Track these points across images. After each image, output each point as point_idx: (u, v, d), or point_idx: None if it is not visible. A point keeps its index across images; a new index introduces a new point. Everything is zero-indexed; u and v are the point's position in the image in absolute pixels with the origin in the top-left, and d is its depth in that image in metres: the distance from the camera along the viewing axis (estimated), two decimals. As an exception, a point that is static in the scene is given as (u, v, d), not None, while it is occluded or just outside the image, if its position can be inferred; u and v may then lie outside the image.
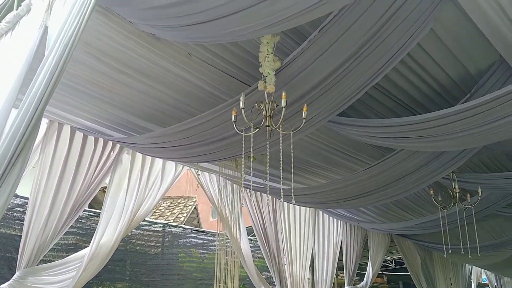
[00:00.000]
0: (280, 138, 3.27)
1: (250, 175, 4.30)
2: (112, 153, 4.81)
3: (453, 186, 5.63)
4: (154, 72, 3.75)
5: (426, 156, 4.92)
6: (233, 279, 5.23)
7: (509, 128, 4.00)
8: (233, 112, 3.26)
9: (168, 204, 12.91)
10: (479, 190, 5.53)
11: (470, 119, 3.82)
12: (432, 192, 5.72)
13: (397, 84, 4.31)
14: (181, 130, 4.04)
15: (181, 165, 5.37)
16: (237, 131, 3.27)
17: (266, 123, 3.25)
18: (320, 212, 7.74)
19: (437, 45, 3.84)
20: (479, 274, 12.70)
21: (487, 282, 13.39)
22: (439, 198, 5.72)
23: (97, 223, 4.73)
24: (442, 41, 3.80)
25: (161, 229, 8.22)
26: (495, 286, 12.84)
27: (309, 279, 7.87)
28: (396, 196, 6.04)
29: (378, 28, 3.19)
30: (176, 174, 5.32)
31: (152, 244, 8.10)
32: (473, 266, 11.56)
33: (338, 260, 8.18)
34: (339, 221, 8.05)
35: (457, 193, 5.59)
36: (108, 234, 4.66)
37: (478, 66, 4.17)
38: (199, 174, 5.42)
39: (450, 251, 6.13)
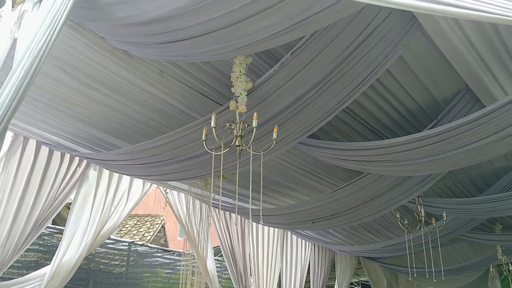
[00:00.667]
0: (251, 158, 3.27)
1: (219, 195, 4.27)
2: (78, 168, 4.71)
3: (419, 210, 5.72)
4: (125, 88, 3.72)
5: (393, 180, 4.99)
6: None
7: (473, 155, 4.11)
8: (204, 131, 3.25)
9: (135, 222, 12.67)
10: (444, 215, 5.64)
11: (435, 145, 3.91)
12: (398, 215, 5.80)
13: (366, 108, 4.39)
14: (150, 147, 3.99)
15: (149, 183, 5.31)
16: (208, 150, 3.25)
17: (237, 143, 3.25)
18: (289, 233, 7.73)
19: (405, 72, 3.95)
20: (443, 297, 12.86)
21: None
22: (406, 222, 5.80)
23: (60, 240, 4.60)
24: (411, 68, 3.91)
25: (126, 247, 8.03)
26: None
27: (275, 300, 7.81)
28: (364, 218, 6.10)
29: (348, 54, 3.26)
30: (143, 191, 5.25)
31: (117, 263, 7.90)
32: (437, 290, 11.70)
33: (305, 282, 8.16)
34: (307, 242, 8.05)
35: (423, 217, 5.68)
36: (70, 251, 4.53)
37: (445, 93, 4.29)
38: (167, 192, 5.35)
39: (415, 274, 6.20)
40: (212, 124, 3.14)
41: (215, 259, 6.44)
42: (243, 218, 6.72)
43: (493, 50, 3.57)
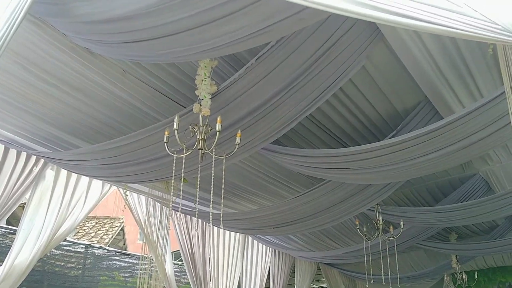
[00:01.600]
0: (213, 162, 3.25)
1: (180, 198, 4.23)
2: (35, 167, 4.57)
3: (378, 218, 5.83)
4: (86, 87, 3.64)
5: (353, 188, 5.07)
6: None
7: (431, 165, 4.23)
8: (166, 133, 3.20)
9: (93, 224, 12.38)
10: (402, 223, 5.77)
11: (395, 154, 4.01)
12: (357, 222, 5.89)
13: (329, 117, 4.45)
14: (111, 148, 3.92)
15: (109, 184, 5.20)
16: (169, 152, 3.21)
17: (199, 146, 3.22)
18: (250, 238, 7.73)
19: (367, 82, 4.03)
20: (399, 304, 13.13)
21: (406, 312, 13.86)
22: (364, 229, 5.90)
23: (13, 240, 4.45)
24: (373, 79, 4.00)
25: (83, 250, 7.85)
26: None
27: (234, 305, 7.78)
28: (324, 224, 6.17)
29: (312, 62, 3.30)
30: (102, 193, 5.13)
31: (73, 265, 7.72)
32: (394, 296, 11.94)
33: (265, 287, 8.17)
34: (268, 247, 8.07)
35: (381, 225, 5.79)
36: (24, 253, 4.38)
37: (405, 104, 4.40)
38: (127, 195, 5.25)
39: (372, 281, 6.31)
40: (175, 126, 3.10)
41: (174, 263, 6.37)
42: (204, 222, 6.68)
43: (452, 63, 3.68)
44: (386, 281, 6.23)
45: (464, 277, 8.89)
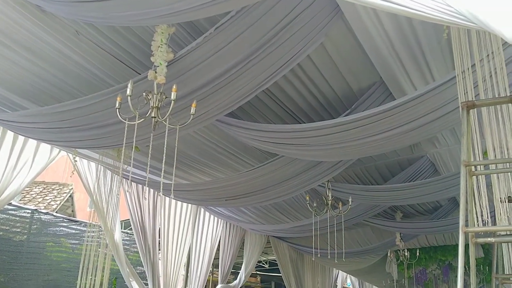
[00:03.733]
0: (166, 131, 3.20)
1: (131, 166, 4.16)
2: (-22, 128, 4.37)
3: (327, 194, 5.95)
4: (37, 46, 3.49)
5: (305, 164, 5.14)
6: (103, 272, 5.01)
7: (382, 144, 4.34)
8: (118, 99, 3.11)
9: (41, 189, 12.04)
10: (350, 200, 5.91)
11: (347, 133, 4.08)
12: (308, 198, 6.00)
13: (285, 92, 4.46)
14: (60, 111, 3.78)
15: (58, 149, 5.04)
16: (121, 119, 3.13)
17: (153, 114, 3.16)
18: (202, 209, 7.75)
19: (325, 60, 4.05)
20: (344, 278, 13.59)
21: (351, 287, 14.38)
22: (314, 204, 6.02)
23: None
24: (331, 57, 4.02)
25: (28, 215, 7.63)
26: (358, 291, 13.86)
27: (183, 275, 7.84)
28: (276, 199, 6.25)
29: (272, 36, 3.28)
30: (50, 158, 4.98)
31: (18, 230, 7.50)
32: (340, 271, 12.34)
33: (215, 258, 8.26)
34: (219, 219, 8.13)
35: (330, 201, 5.92)
36: (-36, 216, 4.22)
37: (360, 84, 4.46)
38: (76, 160, 5.12)
39: (319, 255, 6.48)
40: (128, 92, 3.02)
41: (124, 232, 6.32)
42: (155, 192, 6.63)
43: (408, 46, 3.75)
44: (332, 256, 6.42)
45: (406, 254, 9.28)
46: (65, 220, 8.41)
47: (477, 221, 2.40)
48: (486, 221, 2.37)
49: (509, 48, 3.02)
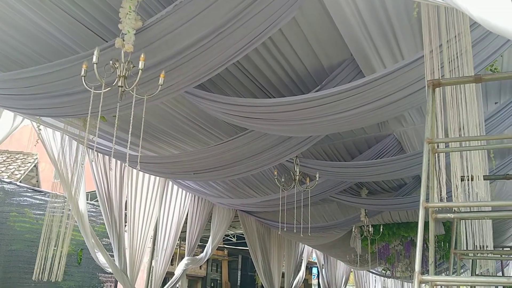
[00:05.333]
0: (133, 101, 3.14)
1: (96, 136, 4.08)
2: None
3: (295, 170, 6.00)
4: (0, 10, 3.34)
5: (275, 139, 5.15)
6: (65, 243, 4.96)
7: (351, 121, 4.38)
8: (84, 66, 3.02)
9: (4, 158, 11.72)
10: (317, 176, 5.98)
11: (317, 109, 4.09)
12: (276, 173, 6.04)
13: (256, 66, 4.43)
14: (24, 77, 3.66)
15: (21, 117, 4.90)
16: (87, 87, 3.05)
17: (119, 84, 3.09)
18: (170, 182, 7.72)
19: (297, 35, 4.03)
20: (310, 253, 13.88)
21: (316, 261, 14.72)
22: (282, 179, 6.07)
23: None
24: (303, 32, 4.00)
25: (-10, 184, 7.46)
26: (322, 265, 14.18)
27: (149, 248, 7.84)
28: (245, 173, 6.27)
29: (244, 6, 3.22)
30: (13, 126, 4.84)
31: (-21, 199, 7.33)
32: (305, 245, 12.58)
33: (182, 231, 8.28)
34: (187, 193, 8.12)
35: (298, 176, 5.98)
36: None
37: (331, 61, 4.47)
38: (40, 129, 4.98)
39: (285, 229, 6.57)
40: (94, 59, 2.93)
41: (90, 203, 6.24)
42: (123, 165, 6.56)
43: (379, 24, 3.77)
44: (298, 230, 6.52)
45: (370, 230, 9.52)
46: (29, 190, 8.24)
47: (438, 198, 2.47)
48: (445, 198, 2.44)
49: (476, 29, 3.07)
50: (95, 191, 6.47)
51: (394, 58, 4.17)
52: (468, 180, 2.74)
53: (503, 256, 6.27)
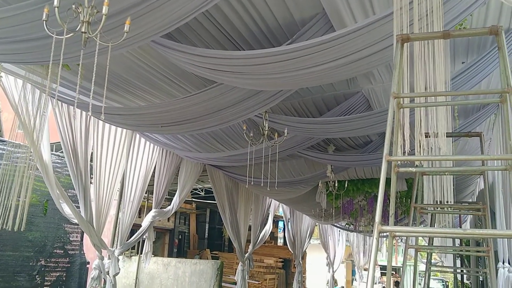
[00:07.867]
0: (97, 48, 3.02)
1: (57, 84, 3.95)
2: None
3: (264, 125, 6.01)
4: None
5: (244, 93, 5.11)
6: (28, 193, 4.88)
7: (320, 76, 4.36)
8: (45, 10, 2.87)
9: (-36, 107, 11.30)
10: (286, 131, 6.01)
11: (287, 62, 4.05)
12: (245, 127, 6.04)
13: (227, 17, 4.33)
14: (-20, 21, 3.47)
15: (-20, 64, 4.68)
16: (48, 32, 2.91)
17: (83, 29, 2.96)
18: (137, 135, 7.63)
19: (269, -14, 3.93)
20: (276, 207, 14.15)
21: (282, 214, 15.04)
22: (251, 134, 6.08)
23: None
24: (275, -17, 3.90)
25: (-51, 133, 7.20)
26: (289, 219, 14.51)
27: (116, 200, 7.83)
28: (213, 127, 6.22)
29: (214, -47, 3.11)
30: (-29, 72, 4.63)
31: None
32: (272, 200, 12.79)
33: (149, 185, 8.27)
34: (155, 146, 8.06)
35: (267, 131, 5.99)
36: None
37: (303, 14, 4.39)
38: (1, 76, 4.79)
39: (252, 183, 6.64)
40: (56, 3, 2.79)
41: (55, 154, 6.12)
42: (88, 116, 6.42)
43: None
44: (265, 184, 6.59)
45: (336, 185, 9.73)
46: (-11, 139, 8.03)
47: (401, 152, 2.52)
48: (408, 153, 2.49)
49: (448, -14, 3.06)
50: (60, 142, 6.34)
51: (366, 14, 4.14)
52: (431, 137, 2.80)
53: (462, 211, 6.54)
